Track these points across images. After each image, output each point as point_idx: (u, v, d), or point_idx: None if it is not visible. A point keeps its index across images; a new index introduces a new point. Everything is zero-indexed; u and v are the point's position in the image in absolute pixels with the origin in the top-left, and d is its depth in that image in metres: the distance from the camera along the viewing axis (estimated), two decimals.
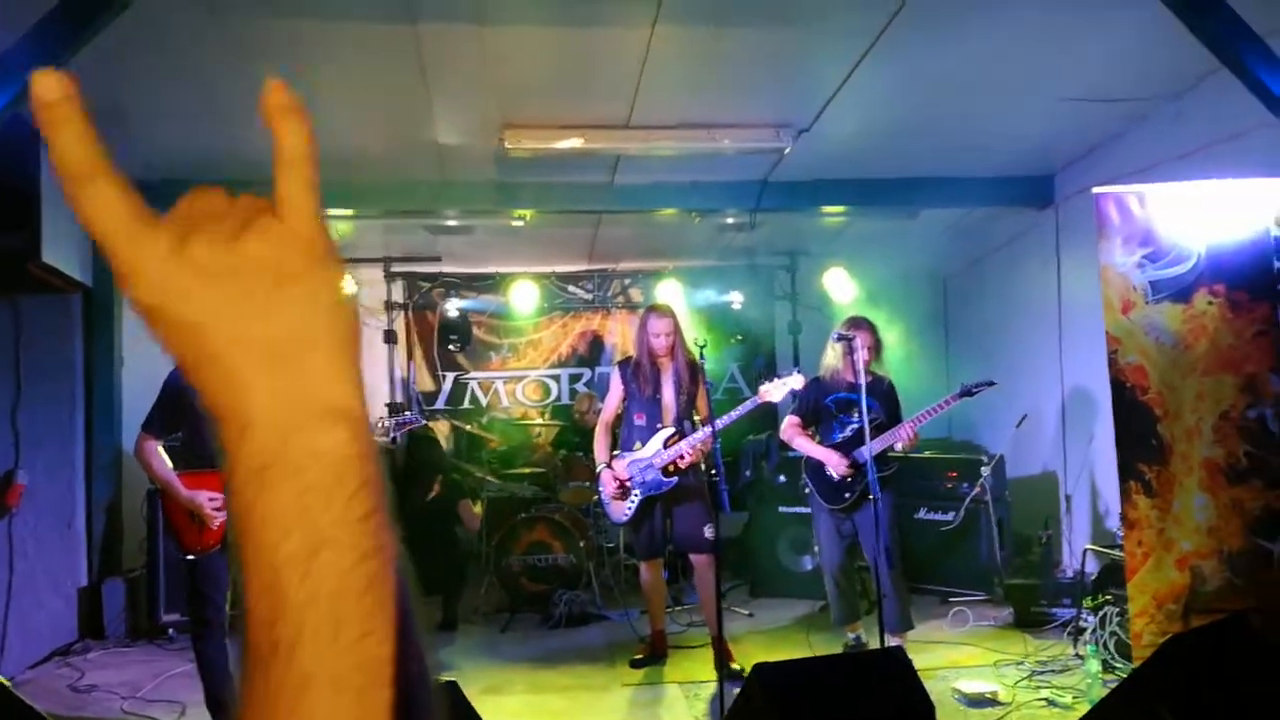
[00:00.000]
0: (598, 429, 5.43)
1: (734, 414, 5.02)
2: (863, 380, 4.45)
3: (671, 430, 5.10)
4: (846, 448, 5.03)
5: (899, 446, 4.97)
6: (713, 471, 4.57)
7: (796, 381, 4.96)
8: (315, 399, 0.49)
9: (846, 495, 5.04)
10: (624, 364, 5.42)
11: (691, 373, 5.10)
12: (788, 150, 5.91)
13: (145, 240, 0.47)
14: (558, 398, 8.97)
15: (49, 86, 0.46)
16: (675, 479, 5.03)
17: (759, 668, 2.84)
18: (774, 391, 4.95)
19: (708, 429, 4.87)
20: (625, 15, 4.32)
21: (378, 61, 4.72)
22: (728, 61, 4.88)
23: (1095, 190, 4.29)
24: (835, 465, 5.01)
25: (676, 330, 5.15)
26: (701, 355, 4.86)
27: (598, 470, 5.34)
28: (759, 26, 4.48)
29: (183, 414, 3.73)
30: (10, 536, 5.51)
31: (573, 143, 5.59)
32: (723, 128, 5.68)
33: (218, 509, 3.73)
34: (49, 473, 5.89)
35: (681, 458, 4.99)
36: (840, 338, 4.81)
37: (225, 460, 0.49)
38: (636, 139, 5.70)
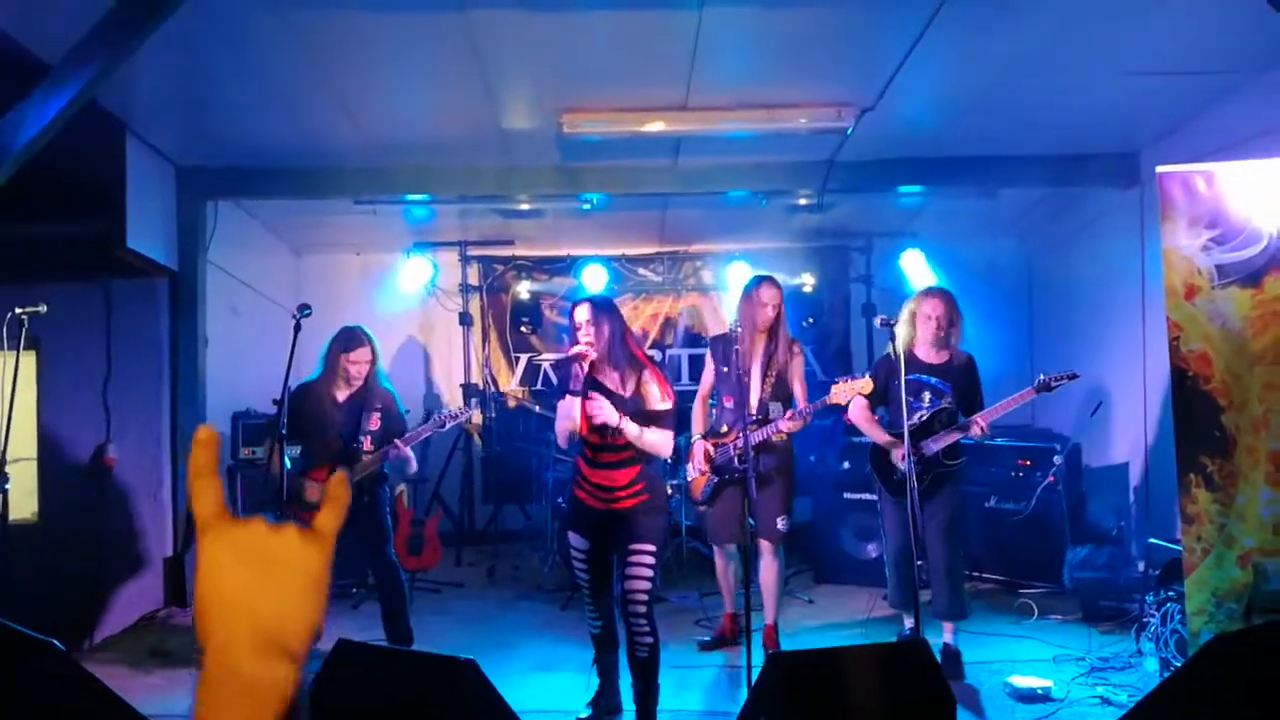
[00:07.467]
0: (695, 404, 5.43)
1: (802, 411, 4.88)
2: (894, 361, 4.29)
3: (754, 416, 5.00)
4: (916, 435, 4.73)
5: (974, 434, 4.77)
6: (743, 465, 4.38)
7: (865, 386, 4.65)
8: (279, 643, 0.76)
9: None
10: (714, 341, 5.44)
11: (787, 354, 5.06)
12: (850, 130, 5.80)
13: (219, 520, 0.78)
14: None
15: (204, 431, 0.82)
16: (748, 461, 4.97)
17: (774, 656, 2.82)
18: (841, 394, 4.64)
19: (761, 430, 4.88)
20: None
21: (433, 49, 4.79)
22: (781, 41, 4.79)
23: (1159, 169, 4.09)
24: (898, 457, 4.77)
25: (781, 305, 5.13)
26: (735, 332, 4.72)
27: (692, 441, 5.26)
28: (809, 6, 4.39)
29: (303, 425, 4.73)
30: (102, 506, 5.88)
31: (630, 125, 5.60)
32: (781, 108, 5.60)
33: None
34: (137, 446, 6.20)
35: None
36: (911, 305, 4.73)
37: (203, 672, 0.77)
38: (694, 120, 5.66)
